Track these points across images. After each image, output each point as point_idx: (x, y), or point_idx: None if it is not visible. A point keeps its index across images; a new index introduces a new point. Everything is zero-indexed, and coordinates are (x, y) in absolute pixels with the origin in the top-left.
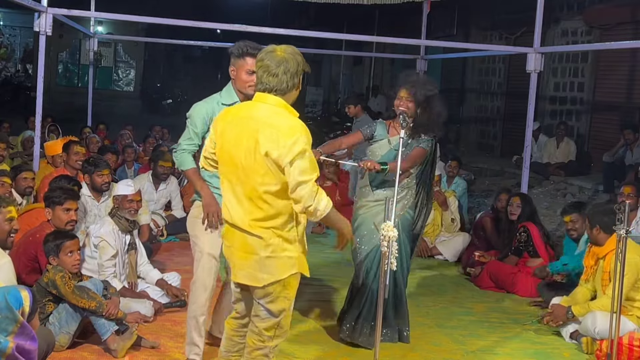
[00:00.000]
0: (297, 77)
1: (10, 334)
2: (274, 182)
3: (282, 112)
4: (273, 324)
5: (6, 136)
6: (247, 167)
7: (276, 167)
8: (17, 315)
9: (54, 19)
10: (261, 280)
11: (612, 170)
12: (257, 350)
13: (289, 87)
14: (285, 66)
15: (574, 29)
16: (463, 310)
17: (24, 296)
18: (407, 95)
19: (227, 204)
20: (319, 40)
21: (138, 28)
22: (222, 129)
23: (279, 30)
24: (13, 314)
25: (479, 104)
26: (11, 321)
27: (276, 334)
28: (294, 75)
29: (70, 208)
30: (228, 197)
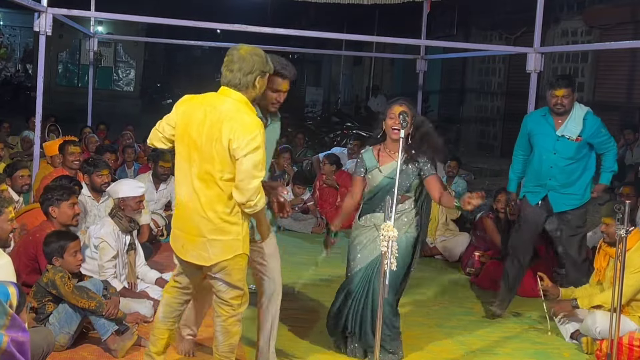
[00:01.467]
0: (251, 76)
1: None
2: (227, 170)
3: (243, 109)
4: (238, 294)
5: (4, 136)
6: (206, 152)
7: (232, 158)
8: (6, 308)
9: (54, 19)
10: (209, 260)
11: None
12: (230, 318)
13: (242, 84)
14: (241, 64)
15: (574, 29)
16: (463, 310)
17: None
18: (403, 110)
19: (181, 182)
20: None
21: (138, 28)
22: (184, 111)
23: (279, 30)
24: (2, 306)
25: (478, 104)
26: (2, 314)
27: (243, 301)
28: (247, 74)
29: (74, 202)
30: (182, 176)
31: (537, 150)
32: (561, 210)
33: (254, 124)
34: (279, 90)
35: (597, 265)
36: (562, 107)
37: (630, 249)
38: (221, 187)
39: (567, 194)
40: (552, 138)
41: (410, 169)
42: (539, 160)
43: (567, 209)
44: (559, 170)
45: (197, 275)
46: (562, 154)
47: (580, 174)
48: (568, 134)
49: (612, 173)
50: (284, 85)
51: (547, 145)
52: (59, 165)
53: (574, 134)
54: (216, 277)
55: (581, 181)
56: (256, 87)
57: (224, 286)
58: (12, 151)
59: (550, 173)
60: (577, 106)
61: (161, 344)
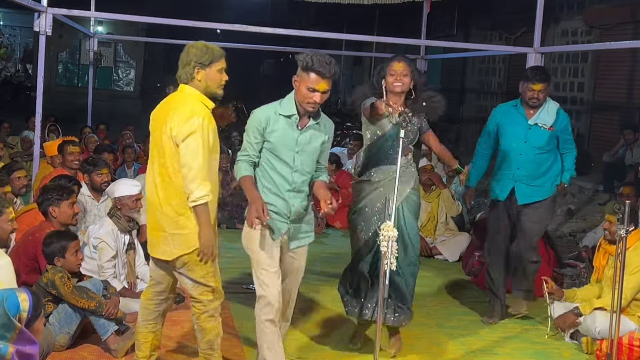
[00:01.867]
0: (188, 67)
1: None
2: (177, 163)
3: (189, 100)
4: (205, 290)
5: (4, 136)
6: (160, 147)
7: (177, 149)
8: (14, 322)
9: (54, 19)
10: (171, 254)
11: (612, 170)
12: (203, 314)
13: (183, 77)
14: (181, 58)
15: (574, 29)
16: (463, 310)
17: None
18: (404, 68)
19: (147, 180)
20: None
21: (138, 28)
22: (153, 113)
23: (279, 30)
24: (10, 321)
25: (478, 104)
26: (9, 328)
27: (215, 297)
28: (184, 66)
29: (74, 201)
30: (148, 174)
31: (507, 140)
32: (526, 202)
33: (193, 111)
34: (315, 89)
35: (597, 263)
36: (538, 101)
37: (629, 248)
38: (174, 181)
39: (534, 186)
40: (523, 127)
41: (415, 121)
42: (508, 149)
43: (531, 201)
44: (528, 159)
45: (168, 273)
46: (533, 142)
47: (549, 165)
48: (542, 122)
49: (571, 175)
50: (320, 85)
51: (517, 134)
52: (58, 166)
53: (548, 123)
54: (181, 273)
55: (550, 173)
56: (196, 79)
57: (189, 283)
58: (12, 151)
59: (519, 161)
60: (548, 99)
61: (146, 347)
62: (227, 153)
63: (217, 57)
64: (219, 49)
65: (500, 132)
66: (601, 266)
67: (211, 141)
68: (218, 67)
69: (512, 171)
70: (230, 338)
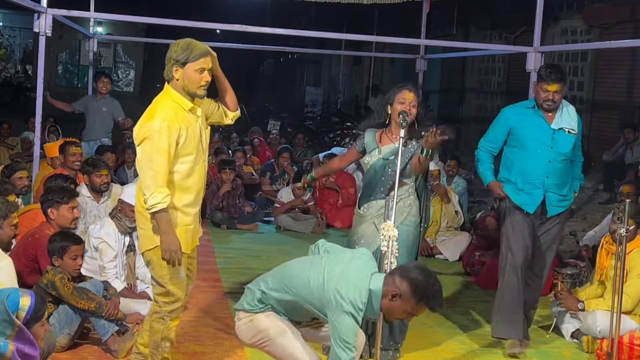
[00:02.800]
0: (168, 66)
1: (9, 337)
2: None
3: (163, 101)
4: (160, 291)
5: (4, 137)
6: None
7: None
8: (13, 319)
9: (54, 19)
10: (141, 248)
11: (612, 169)
12: (155, 314)
13: (166, 76)
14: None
15: (573, 28)
16: (463, 309)
17: (24, 300)
18: (413, 99)
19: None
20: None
21: (137, 29)
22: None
23: (278, 30)
24: (10, 317)
25: (478, 104)
26: (8, 324)
27: (169, 301)
28: (167, 63)
29: (74, 206)
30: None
31: (531, 145)
32: (555, 213)
33: (153, 115)
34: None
35: (599, 263)
36: (553, 103)
37: (632, 251)
38: (141, 179)
39: (562, 196)
40: (547, 131)
41: (408, 150)
42: (532, 155)
43: (559, 211)
44: (556, 167)
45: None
46: (559, 148)
47: (569, 173)
48: (567, 126)
49: (581, 183)
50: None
51: (543, 139)
52: (59, 167)
53: (574, 127)
54: (148, 269)
55: (570, 181)
56: (175, 77)
57: (152, 279)
58: (12, 152)
59: (548, 169)
60: (563, 100)
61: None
62: (227, 153)
63: (196, 56)
64: (202, 48)
65: (518, 136)
66: (604, 266)
67: (174, 145)
68: (196, 66)
69: (541, 180)
70: (231, 339)
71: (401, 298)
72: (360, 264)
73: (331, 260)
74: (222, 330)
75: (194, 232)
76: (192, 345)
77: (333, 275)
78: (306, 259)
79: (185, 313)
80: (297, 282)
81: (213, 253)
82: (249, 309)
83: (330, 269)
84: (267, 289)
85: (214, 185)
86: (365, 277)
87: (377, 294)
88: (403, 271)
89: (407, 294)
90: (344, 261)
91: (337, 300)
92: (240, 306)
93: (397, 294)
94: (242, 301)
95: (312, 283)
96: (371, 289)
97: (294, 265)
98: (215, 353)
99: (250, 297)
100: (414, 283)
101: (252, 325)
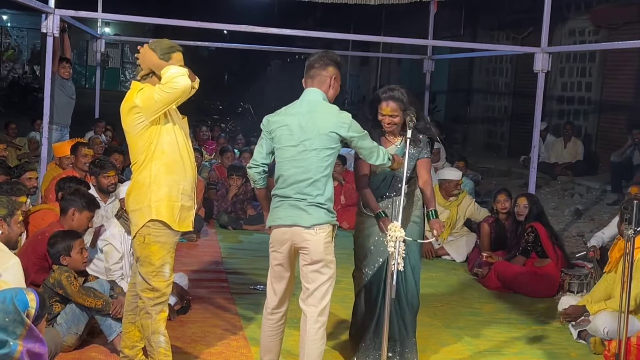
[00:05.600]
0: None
1: (19, 337)
2: (139, 153)
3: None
4: (146, 287)
5: (5, 137)
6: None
7: (133, 118)
8: (24, 318)
9: (61, 20)
10: (134, 229)
11: (620, 170)
12: (141, 310)
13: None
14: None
15: (581, 28)
16: (470, 310)
17: (31, 299)
18: (392, 110)
19: None
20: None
21: (145, 29)
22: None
23: (285, 30)
24: (21, 316)
25: (486, 104)
26: (19, 323)
27: (155, 296)
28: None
29: (92, 217)
30: None
31: None
32: None
33: (132, 93)
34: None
35: (611, 255)
36: None
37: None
38: (135, 177)
39: None
40: None
41: (413, 152)
42: None
43: None
44: None
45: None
46: None
47: None
48: None
49: None
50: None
51: None
52: (67, 167)
53: None
54: (137, 265)
55: None
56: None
57: (139, 277)
58: (19, 152)
59: None
60: None
61: (127, 337)
62: (232, 152)
63: (173, 50)
64: (173, 43)
65: None
66: (614, 259)
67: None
68: (176, 61)
69: None
70: (238, 339)
71: (335, 79)
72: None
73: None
74: (229, 330)
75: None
76: (199, 345)
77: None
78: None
79: (192, 313)
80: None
81: (220, 253)
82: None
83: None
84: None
85: (223, 188)
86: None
87: (326, 98)
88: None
89: (334, 72)
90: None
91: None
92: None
93: (331, 77)
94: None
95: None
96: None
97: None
98: (222, 353)
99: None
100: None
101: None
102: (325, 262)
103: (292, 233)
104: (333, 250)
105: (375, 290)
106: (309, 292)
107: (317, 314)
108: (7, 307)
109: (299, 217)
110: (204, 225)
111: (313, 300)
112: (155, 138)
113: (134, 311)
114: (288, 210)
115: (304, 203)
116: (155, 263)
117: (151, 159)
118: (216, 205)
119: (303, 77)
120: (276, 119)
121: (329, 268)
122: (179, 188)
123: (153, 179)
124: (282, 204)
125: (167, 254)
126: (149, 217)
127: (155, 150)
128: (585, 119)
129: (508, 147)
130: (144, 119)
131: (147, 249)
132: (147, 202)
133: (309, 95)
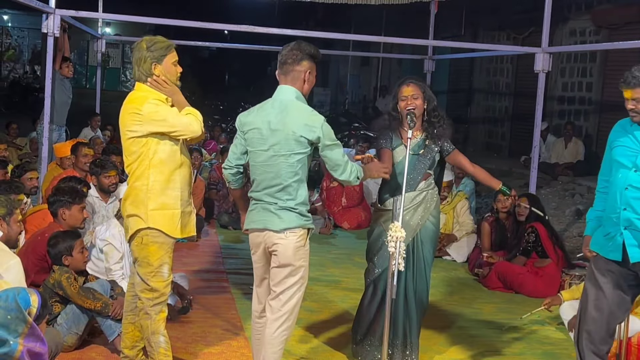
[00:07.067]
0: (144, 63)
1: (20, 335)
2: (134, 160)
3: (139, 95)
4: (144, 287)
5: (5, 137)
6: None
7: (132, 122)
8: (26, 316)
9: (62, 20)
10: (130, 233)
11: None
12: (141, 311)
13: (142, 76)
14: (135, 57)
15: (582, 28)
16: (471, 310)
17: (33, 299)
18: (413, 91)
19: None
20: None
21: (146, 29)
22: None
23: (286, 30)
24: (23, 314)
25: (487, 104)
26: (21, 321)
27: (154, 297)
28: (141, 62)
29: (84, 207)
30: None
31: (614, 168)
32: (637, 260)
33: (141, 102)
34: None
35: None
36: (637, 114)
37: None
38: (133, 183)
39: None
40: (632, 150)
41: (433, 146)
42: (614, 182)
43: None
44: (636, 195)
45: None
46: None
47: None
48: None
49: None
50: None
51: (623, 160)
52: (68, 167)
53: None
54: (135, 267)
55: None
56: (154, 74)
57: (138, 278)
58: (20, 152)
59: (625, 198)
60: None
61: (127, 337)
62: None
63: (170, 49)
64: (167, 41)
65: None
66: None
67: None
68: (172, 59)
69: (617, 212)
70: (238, 339)
71: (310, 73)
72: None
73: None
74: (230, 330)
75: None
76: (200, 345)
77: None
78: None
79: (192, 313)
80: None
81: (221, 254)
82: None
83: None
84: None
85: (223, 188)
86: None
87: (300, 95)
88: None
89: (309, 66)
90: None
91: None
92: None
93: (306, 71)
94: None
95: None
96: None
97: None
98: (223, 353)
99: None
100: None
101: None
102: (294, 267)
103: (264, 236)
104: (306, 255)
105: (382, 286)
106: (275, 294)
107: (278, 317)
108: (10, 305)
109: (269, 221)
110: (205, 225)
111: (277, 304)
112: (153, 146)
113: (134, 311)
114: (261, 214)
115: (275, 207)
116: (153, 263)
117: (148, 166)
118: (217, 205)
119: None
120: (248, 119)
121: (298, 273)
122: (177, 195)
123: (150, 188)
124: (256, 207)
125: (165, 254)
126: (145, 225)
127: (153, 158)
128: (586, 119)
129: (509, 147)
130: (140, 128)
131: (145, 250)
132: (143, 210)
133: (282, 95)
